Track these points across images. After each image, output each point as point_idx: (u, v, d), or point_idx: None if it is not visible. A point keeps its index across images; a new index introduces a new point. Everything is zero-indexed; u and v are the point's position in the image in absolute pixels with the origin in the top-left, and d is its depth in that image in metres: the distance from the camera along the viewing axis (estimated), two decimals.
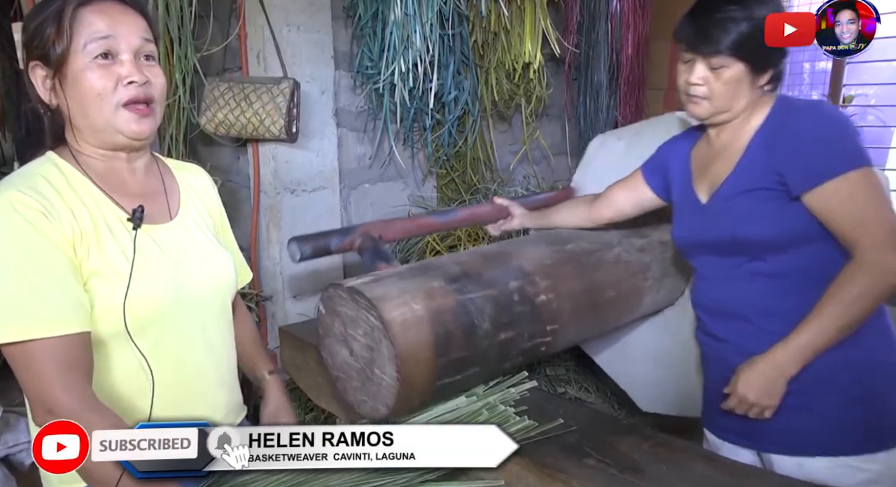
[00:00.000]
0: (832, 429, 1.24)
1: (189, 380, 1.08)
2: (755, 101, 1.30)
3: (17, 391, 2.30)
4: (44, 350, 0.91)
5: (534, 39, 2.60)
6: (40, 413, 0.92)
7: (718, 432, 1.40)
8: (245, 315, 1.36)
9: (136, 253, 0.99)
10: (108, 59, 0.98)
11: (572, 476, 1.11)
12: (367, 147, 2.56)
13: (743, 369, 1.27)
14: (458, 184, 2.85)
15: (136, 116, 1.01)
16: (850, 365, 1.23)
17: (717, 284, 1.37)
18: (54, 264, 0.93)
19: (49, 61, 0.99)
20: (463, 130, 2.74)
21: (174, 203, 1.13)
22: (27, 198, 0.93)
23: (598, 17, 3.09)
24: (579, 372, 2.52)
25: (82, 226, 0.97)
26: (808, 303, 1.22)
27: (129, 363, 1.01)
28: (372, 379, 1.22)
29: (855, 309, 1.19)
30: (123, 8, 1.02)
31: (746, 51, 1.23)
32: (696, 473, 1.14)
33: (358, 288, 1.22)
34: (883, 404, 1.24)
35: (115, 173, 1.06)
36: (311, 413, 2.33)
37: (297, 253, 1.56)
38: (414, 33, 2.21)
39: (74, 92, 0.99)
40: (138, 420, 0.98)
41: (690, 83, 1.29)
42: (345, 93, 2.44)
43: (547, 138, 3.15)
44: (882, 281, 1.17)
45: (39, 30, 0.98)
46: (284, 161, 2.22)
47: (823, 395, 1.24)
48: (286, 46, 2.13)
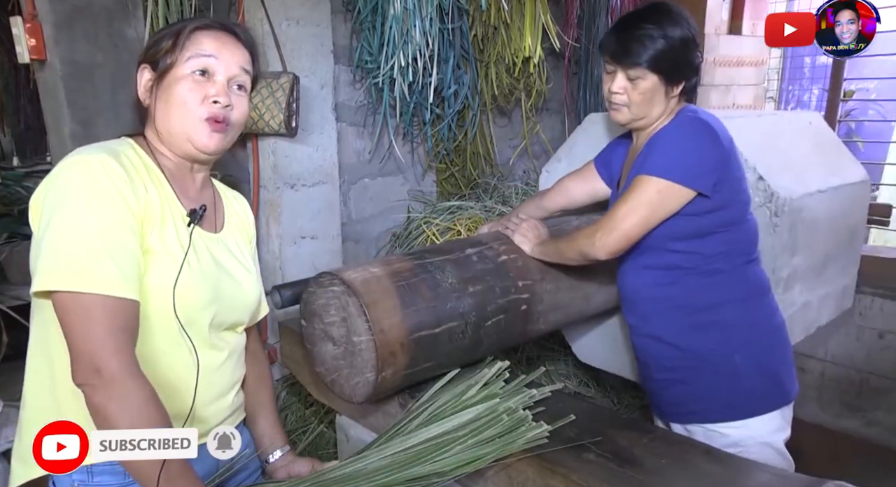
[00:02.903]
0: (704, 401, 1.48)
1: (210, 377, 1.11)
2: (670, 110, 1.47)
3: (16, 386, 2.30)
4: (101, 307, 0.93)
5: (534, 33, 2.59)
6: (84, 371, 0.93)
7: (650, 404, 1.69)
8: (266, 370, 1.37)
9: (190, 247, 1.06)
10: (204, 76, 1.08)
11: (572, 469, 1.12)
12: (366, 141, 2.56)
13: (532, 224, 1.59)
14: (457, 178, 2.85)
15: (209, 130, 1.08)
16: (718, 351, 1.45)
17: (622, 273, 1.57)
18: (128, 228, 0.98)
19: (156, 67, 1.09)
20: (463, 125, 2.74)
21: (220, 219, 1.21)
22: (115, 163, 1.00)
23: (598, 11, 3.08)
24: (579, 366, 2.53)
25: (153, 205, 1.04)
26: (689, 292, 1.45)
27: (168, 347, 1.05)
28: (354, 353, 1.25)
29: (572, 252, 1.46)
30: (235, 40, 1.13)
31: (660, 65, 1.39)
32: (695, 467, 1.15)
33: (320, 273, 1.31)
34: (741, 382, 1.46)
35: (181, 175, 1.14)
36: (311, 407, 2.34)
37: (279, 301, 1.65)
38: (413, 27, 2.21)
39: (165, 95, 1.08)
40: (169, 403, 1.00)
41: (612, 91, 1.45)
42: (344, 88, 2.44)
43: (547, 132, 3.15)
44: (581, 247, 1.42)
45: (159, 41, 1.10)
46: (284, 155, 2.21)
47: (698, 374, 1.47)
48: (285, 40, 2.12)
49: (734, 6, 3.47)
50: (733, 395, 1.46)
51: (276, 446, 1.31)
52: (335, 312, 1.28)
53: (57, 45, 1.93)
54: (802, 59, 4.28)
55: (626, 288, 1.56)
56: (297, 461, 1.30)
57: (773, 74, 4.25)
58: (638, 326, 1.56)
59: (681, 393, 1.51)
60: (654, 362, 1.54)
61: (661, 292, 1.48)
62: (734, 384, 1.45)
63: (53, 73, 1.96)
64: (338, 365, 1.30)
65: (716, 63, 3.37)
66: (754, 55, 3.58)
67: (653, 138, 1.44)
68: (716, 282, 1.44)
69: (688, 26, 1.42)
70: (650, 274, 1.49)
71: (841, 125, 2.98)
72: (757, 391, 1.46)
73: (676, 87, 1.44)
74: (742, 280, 1.47)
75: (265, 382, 1.34)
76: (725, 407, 1.46)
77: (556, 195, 1.82)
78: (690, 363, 1.47)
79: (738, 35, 3.49)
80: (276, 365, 2.28)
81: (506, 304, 1.45)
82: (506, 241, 1.58)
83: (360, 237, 2.63)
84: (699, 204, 1.38)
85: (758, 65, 3.65)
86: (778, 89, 4.34)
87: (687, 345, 1.47)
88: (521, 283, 1.49)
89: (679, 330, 1.48)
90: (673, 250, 1.44)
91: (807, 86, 4.33)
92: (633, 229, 1.37)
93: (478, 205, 2.63)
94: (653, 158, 1.38)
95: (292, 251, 2.30)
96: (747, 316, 1.47)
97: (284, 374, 2.35)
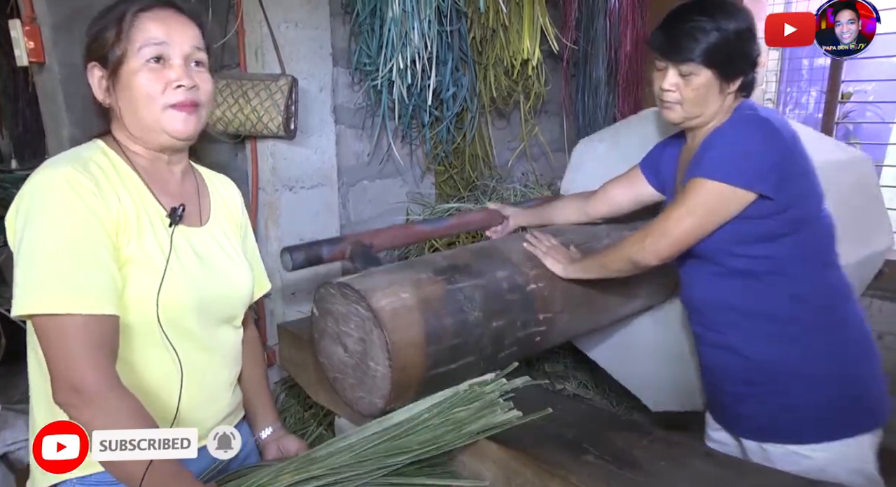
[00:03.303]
0: (784, 419, 1.35)
1: (201, 379, 1.10)
2: (727, 108, 1.38)
3: (15, 388, 2.30)
4: (78, 327, 0.92)
5: (532, 36, 2.60)
6: (63, 391, 0.92)
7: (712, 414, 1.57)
8: (258, 352, 1.36)
9: (172, 250, 1.03)
10: (159, 63, 1.04)
11: (571, 472, 1.12)
12: (365, 144, 2.56)
13: (560, 248, 1.56)
14: (456, 180, 2.85)
15: (182, 115, 1.05)
16: (799, 363, 1.34)
17: (686, 283, 1.49)
18: (100, 244, 0.96)
19: (106, 63, 1.04)
20: (461, 127, 2.74)
21: (205, 210, 1.18)
22: (81, 176, 0.96)
23: (597, 13, 3.08)
24: (578, 368, 2.52)
25: (126, 213, 1.00)
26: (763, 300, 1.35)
27: (153, 355, 1.03)
28: (367, 373, 1.22)
29: (619, 262, 1.42)
30: (180, 17, 1.07)
31: (715, 59, 1.31)
32: (695, 469, 1.15)
33: (346, 282, 1.25)
34: (827, 399, 1.33)
35: (157, 171, 1.10)
36: (310, 410, 2.33)
37: (290, 263, 1.61)
38: (412, 30, 2.21)
39: (126, 93, 1.04)
40: (158, 412, 0.99)
41: (663, 89, 1.37)
42: (343, 90, 2.44)
43: (545, 135, 3.15)
44: (631, 254, 1.38)
45: (101, 33, 1.04)
46: (283, 158, 2.21)
47: (777, 389, 1.35)
48: (284, 43, 2.12)
49: None
50: (818, 413, 1.33)
51: (268, 422, 1.32)
52: (355, 328, 1.24)
53: (55, 48, 1.93)
54: (800, 61, 4.28)
55: (694, 301, 1.46)
56: (287, 436, 1.31)
57: (770, 76, 4.26)
58: (706, 335, 1.45)
59: (756, 409, 1.38)
60: (725, 374, 1.43)
61: (732, 301, 1.38)
62: (818, 400, 1.33)
63: (52, 75, 1.96)
64: (344, 370, 1.28)
65: None
66: None
67: (708, 138, 1.35)
68: (792, 288, 1.33)
69: (744, 17, 1.33)
70: (718, 283, 1.39)
71: (839, 127, 2.98)
72: (845, 408, 1.33)
73: (733, 83, 1.35)
74: (821, 284, 1.35)
75: (257, 361, 1.34)
76: (809, 426, 1.34)
77: (599, 203, 1.73)
78: (768, 376, 1.36)
79: None
80: (275, 367, 2.28)
81: (523, 337, 1.43)
82: (537, 264, 1.53)
83: None
84: (763, 206, 1.28)
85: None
86: (776, 91, 4.35)
87: (764, 357, 1.36)
88: (542, 316, 1.46)
89: (754, 341, 1.36)
90: (741, 255, 1.34)
91: (805, 88, 4.33)
92: (686, 234, 1.31)
93: (476, 207, 2.63)
94: (708, 159, 1.30)
95: None
96: (830, 324, 1.35)
97: (283, 377, 2.35)
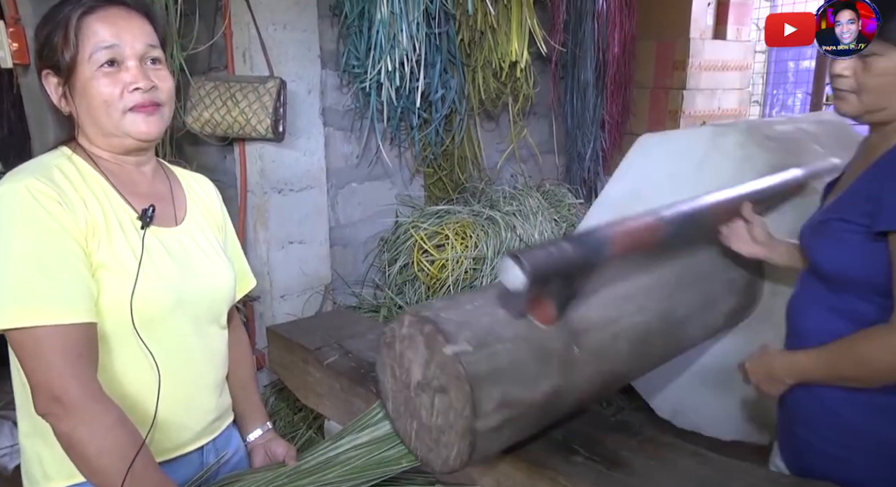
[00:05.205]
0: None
1: (186, 382, 1.08)
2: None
3: (2, 394, 2.28)
4: (54, 337, 0.90)
5: (520, 38, 2.60)
6: (44, 402, 0.91)
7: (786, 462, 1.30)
8: (246, 353, 1.34)
9: (144, 253, 1.01)
10: (113, 66, 1.00)
11: (560, 472, 1.12)
12: (354, 146, 2.56)
13: (758, 353, 1.23)
14: (445, 182, 2.85)
15: (143, 116, 1.02)
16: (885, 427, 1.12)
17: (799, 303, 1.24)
18: (68, 252, 0.94)
19: (59, 70, 1.01)
20: (450, 129, 2.74)
21: (181, 209, 1.15)
22: (44, 185, 0.94)
23: (585, 15, 3.10)
24: None
25: (94, 218, 0.98)
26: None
27: (131, 360, 1.01)
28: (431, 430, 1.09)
29: (863, 372, 1.07)
30: (129, 14, 1.02)
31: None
32: (684, 469, 1.15)
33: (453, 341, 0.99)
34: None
35: (125, 173, 1.07)
36: (299, 413, 2.33)
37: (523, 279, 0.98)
38: (400, 32, 2.21)
39: (84, 100, 1.01)
40: (140, 417, 0.99)
41: (835, 75, 1.11)
42: (331, 92, 2.44)
43: (534, 136, 3.16)
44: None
45: (49, 39, 1.00)
46: (271, 160, 2.20)
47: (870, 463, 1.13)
48: (272, 45, 2.12)
49: (718, 11, 3.52)
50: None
51: (257, 424, 1.30)
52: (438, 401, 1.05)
53: None
54: (786, 64, 4.32)
55: (801, 326, 1.21)
56: (275, 440, 1.29)
57: (757, 79, 4.30)
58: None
59: (841, 474, 1.14)
60: (813, 427, 1.19)
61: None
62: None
63: (37, 77, 1.94)
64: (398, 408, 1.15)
65: (701, 67, 3.41)
66: (739, 59, 3.62)
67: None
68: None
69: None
70: (834, 321, 1.14)
71: None
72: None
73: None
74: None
75: (245, 362, 1.32)
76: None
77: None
78: (864, 447, 1.12)
79: (722, 40, 3.53)
80: (265, 370, 2.27)
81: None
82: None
83: (348, 242, 2.62)
84: None
85: (742, 69, 3.69)
86: (763, 93, 4.40)
87: (864, 427, 1.12)
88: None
89: (858, 404, 1.11)
90: (870, 301, 1.09)
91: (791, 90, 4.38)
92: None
93: (465, 209, 2.63)
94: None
95: (280, 256, 2.29)
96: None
97: (273, 380, 2.33)
